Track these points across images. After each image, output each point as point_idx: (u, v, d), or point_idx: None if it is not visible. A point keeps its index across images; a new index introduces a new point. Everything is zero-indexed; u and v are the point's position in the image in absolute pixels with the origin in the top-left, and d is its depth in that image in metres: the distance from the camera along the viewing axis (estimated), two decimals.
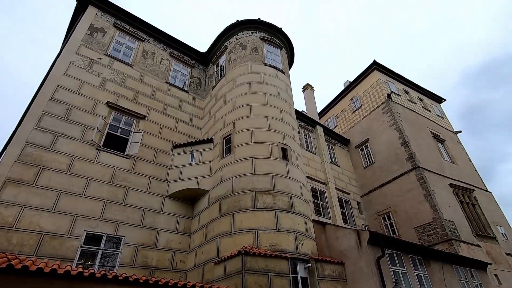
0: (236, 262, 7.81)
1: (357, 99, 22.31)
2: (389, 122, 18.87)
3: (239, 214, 9.21)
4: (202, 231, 10.08)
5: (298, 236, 9.10)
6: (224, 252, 8.71)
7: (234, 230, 8.99)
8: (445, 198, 15.82)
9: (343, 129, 22.56)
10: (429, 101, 23.78)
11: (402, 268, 9.41)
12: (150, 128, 11.63)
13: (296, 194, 10.05)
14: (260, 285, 7.39)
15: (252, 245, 8.45)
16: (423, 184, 15.70)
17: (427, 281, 9.85)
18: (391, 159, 17.88)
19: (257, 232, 8.74)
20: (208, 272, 8.95)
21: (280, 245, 8.64)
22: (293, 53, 16.06)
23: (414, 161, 16.57)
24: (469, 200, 17.29)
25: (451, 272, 10.96)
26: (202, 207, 10.70)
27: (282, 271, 8.03)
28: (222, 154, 11.03)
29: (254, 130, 10.97)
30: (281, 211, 9.30)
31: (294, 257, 8.57)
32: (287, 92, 13.31)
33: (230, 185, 9.95)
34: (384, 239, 9.10)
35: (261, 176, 9.87)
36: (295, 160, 11.07)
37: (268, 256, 8.01)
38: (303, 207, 10.09)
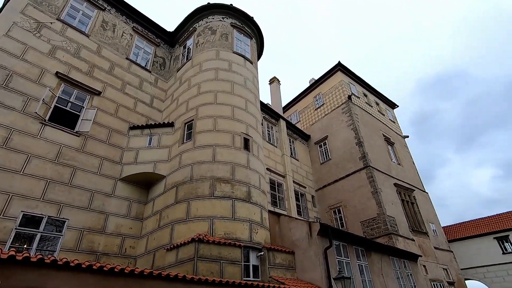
0: (189, 249, 7.74)
1: (320, 97, 23.10)
2: (347, 122, 19.88)
3: (196, 202, 9.08)
4: (156, 217, 9.77)
5: (253, 225, 9.26)
6: (177, 239, 8.55)
7: (189, 218, 8.86)
8: (390, 196, 17.25)
9: (305, 125, 23.26)
10: (384, 106, 25.48)
11: (347, 258, 10.12)
12: (106, 106, 10.83)
13: (254, 184, 10.18)
14: (212, 272, 7.42)
15: (206, 233, 8.41)
16: (372, 182, 16.91)
17: (367, 270, 10.73)
18: (346, 157, 18.92)
19: (212, 220, 8.72)
20: (159, 258, 8.74)
21: (235, 233, 8.73)
22: (262, 45, 16.01)
23: (366, 160, 17.73)
24: (409, 199, 19.07)
25: (388, 262, 12.07)
26: (157, 193, 10.34)
27: (235, 259, 8.14)
28: (182, 140, 10.71)
29: (218, 118, 10.80)
30: (239, 201, 9.36)
31: (247, 246, 8.73)
32: (254, 83, 13.29)
33: (188, 172, 9.73)
34: (333, 231, 9.67)
35: (221, 164, 9.80)
36: (256, 151, 11.17)
37: (222, 244, 8.06)
38: (260, 198, 10.28)
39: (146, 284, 5.39)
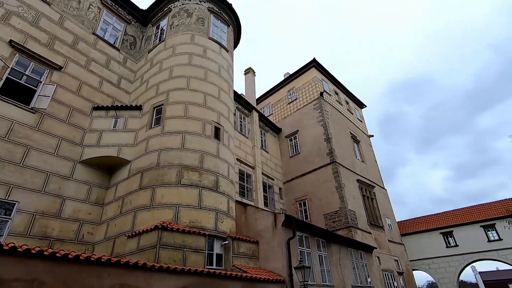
0: (152, 237, 7.55)
1: (293, 92, 23.39)
2: (318, 118, 20.39)
3: (162, 189, 8.84)
4: (118, 203, 9.38)
5: (219, 214, 9.25)
6: (140, 226, 8.30)
7: (153, 205, 8.62)
8: (352, 191, 18.12)
9: (277, 118, 23.49)
10: (353, 105, 26.47)
11: (308, 248, 10.51)
12: (67, 83, 10.07)
13: (223, 174, 10.13)
14: (174, 260, 7.32)
15: (171, 220, 8.25)
16: (337, 177, 17.62)
17: (326, 261, 11.25)
18: (314, 152, 19.47)
19: (178, 208, 8.56)
20: (119, 245, 8.45)
21: (200, 222, 8.67)
22: (239, 33, 15.76)
23: (333, 156, 18.39)
24: (369, 195, 20.18)
25: (346, 253, 12.74)
26: (120, 178, 9.91)
27: (198, 247, 8.10)
28: (150, 124, 10.31)
29: (189, 104, 10.52)
30: (206, 189, 9.28)
31: (212, 235, 8.72)
32: (228, 71, 13.09)
33: (155, 158, 9.42)
34: (297, 222, 9.96)
35: (190, 152, 9.61)
36: (227, 141, 11.09)
37: (186, 232, 7.96)
38: (228, 188, 10.27)
39: (104, 272, 5.18)
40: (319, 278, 10.33)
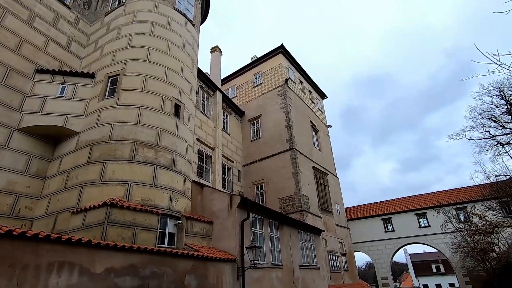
0: (99, 214, 7.18)
1: (259, 76, 23.29)
2: (281, 104, 20.67)
3: (113, 164, 8.36)
4: (62, 177, 8.69)
5: (174, 194, 9.08)
6: (86, 202, 7.82)
7: (103, 180, 8.14)
8: (307, 178, 18.96)
9: (241, 101, 23.32)
10: (315, 95, 27.25)
11: (261, 230, 10.87)
12: (4, 38, 8.82)
13: (181, 153, 9.88)
14: (123, 238, 7.08)
15: (122, 197, 7.90)
16: (294, 164, 18.25)
17: (277, 241, 11.76)
18: (275, 138, 19.83)
19: (130, 185, 8.21)
20: (62, 222, 7.91)
21: (154, 200, 8.44)
22: (208, 8, 15.06)
23: (292, 143, 18.93)
24: (322, 182, 21.32)
25: (296, 235, 13.44)
26: (66, 150, 9.14)
27: (150, 225, 7.91)
28: (104, 95, 9.56)
29: (148, 77, 9.92)
30: (162, 168, 8.99)
31: (165, 214, 8.56)
32: (193, 47, 12.52)
33: (107, 131, 8.82)
34: (252, 204, 10.18)
35: (147, 128, 9.16)
36: (187, 120, 10.76)
37: (138, 210, 7.70)
38: (185, 167, 10.07)
39: (41, 248, 4.82)
40: (269, 258, 10.80)
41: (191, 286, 7.20)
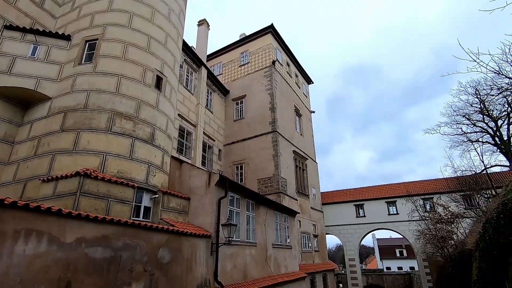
0: (72, 183, 6.96)
1: (246, 55, 22.79)
2: (266, 86, 20.47)
3: (88, 134, 8.04)
4: (33, 143, 8.27)
5: (151, 168, 8.93)
6: (58, 171, 7.53)
7: (77, 149, 7.83)
8: (287, 161, 19.24)
9: (226, 79, 22.86)
10: (302, 79, 27.18)
11: (238, 208, 11.02)
12: None
13: (160, 127, 9.64)
14: (96, 209, 6.94)
15: (96, 168, 7.67)
16: (275, 146, 18.39)
17: (253, 220, 12.02)
18: (258, 119, 19.77)
19: (105, 156, 7.96)
20: (31, 189, 7.62)
21: (130, 173, 8.27)
22: None
23: (274, 125, 18.97)
24: (301, 166, 21.74)
25: (272, 215, 13.79)
26: (38, 115, 8.66)
27: (125, 198, 7.80)
28: (80, 60, 9.01)
29: (129, 45, 9.41)
30: (140, 141, 8.76)
31: (142, 187, 8.44)
32: (180, 18, 11.95)
33: (83, 99, 8.39)
34: (230, 183, 10.24)
35: (126, 99, 8.79)
36: (169, 93, 10.43)
37: (113, 182, 7.54)
38: (165, 142, 9.87)
39: (7, 215, 4.63)
40: (244, 236, 11.05)
41: (165, 259, 7.27)
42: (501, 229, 5.62)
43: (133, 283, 6.31)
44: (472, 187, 17.65)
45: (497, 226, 5.80)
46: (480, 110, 20.63)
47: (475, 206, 17.39)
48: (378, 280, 34.95)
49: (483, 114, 20.70)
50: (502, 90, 12.14)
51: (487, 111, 20.24)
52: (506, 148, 19.65)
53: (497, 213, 5.90)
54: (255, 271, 11.16)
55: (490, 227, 6.21)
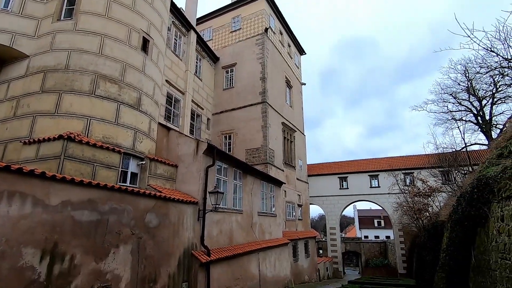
0: (55, 146, 6.80)
1: (238, 20, 21.79)
2: (258, 54, 19.87)
3: (71, 96, 7.72)
4: (11, 104, 7.90)
5: (138, 134, 8.78)
6: (40, 133, 7.31)
7: (59, 112, 7.56)
8: (275, 132, 19.31)
9: (217, 46, 22.00)
10: (294, 49, 26.49)
11: (225, 177, 11.17)
12: None
13: (147, 92, 9.34)
14: (82, 173, 6.87)
15: (80, 132, 7.47)
16: (264, 117, 18.32)
17: (240, 189, 12.26)
18: (248, 89, 19.43)
19: (90, 121, 7.74)
20: (12, 152, 7.40)
21: (116, 139, 8.12)
22: None
23: (264, 96, 18.74)
24: (289, 138, 21.91)
25: (259, 185, 14.09)
26: (15, 74, 8.18)
27: (112, 163, 7.72)
28: (59, 15, 8.38)
29: (113, 2, 8.77)
30: (126, 106, 8.50)
31: (128, 153, 8.35)
32: None
33: (64, 59, 7.93)
34: (218, 152, 10.27)
35: (110, 61, 8.38)
36: (156, 57, 9.99)
37: (98, 147, 7.41)
38: (152, 108, 9.63)
39: None
40: (230, 203, 11.32)
41: (152, 223, 7.41)
42: (473, 202, 5.96)
43: (120, 245, 6.46)
44: (451, 163, 18.41)
45: (470, 199, 6.14)
46: (467, 89, 20.95)
47: (452, 181, 18.27)
48: (356, 247, 37.24)
49: (469, 93, 21.07)
50: (491, 69, 12.26)
51: (474, 90, 20.59)
52: (486, 128, 20.32)
53: (471, 187, 6.22)
54: (241, 236, 11.61)
55: (464, 201, 6.58)
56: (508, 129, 6.41)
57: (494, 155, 6.57)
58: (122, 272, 6.37)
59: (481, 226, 5.87)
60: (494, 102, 20.15)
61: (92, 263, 5.81)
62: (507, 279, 4.24)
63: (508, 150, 5.56)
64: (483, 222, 5.72)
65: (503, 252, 4.42)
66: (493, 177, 5.41)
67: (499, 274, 4.59)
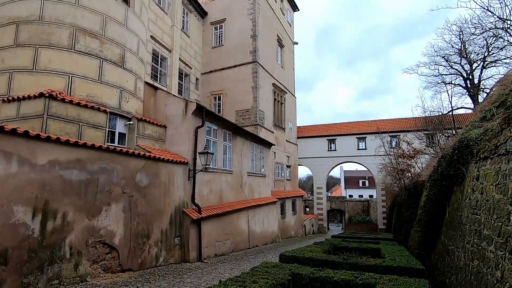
0: (37, 105, 6.55)
1: None
2: (248, 10, 18.74)
3: (48, 51, 7.25)
4: None
5: (124, 93, 8.49)
6: (19, 91, 6.98)
7: (37, 69, 7.15)
8: (266, 93, 19.03)
9: None
10: (287, 5, 25.05)
11: (215, 138, 11.19)
12: None
13: (131, 49, 8.85)
14: (67, 133, 6.74)
15: (62, 90, 7.17)
16: (255, 78, 17.88)
17: (229, 150, 12.38)
18: (238, 48, 18.63)
19: (71, 78, 7.38)
20: None
21: (101, 98, 7.86)
22: None
23: (255, 55, 18.08)
24: (280, 99, 21.70)
25: (248, 146, 14.23)
26: None
27: (98, 123, 7.56)
28: None
29: None
30: (109, 63, 8.09)
31: (115, 113, 8.15)
32: None
33: (36, 9, 7.30)
34: (207, 112, 10.14)
35: (88, 12, 7.76)
36: (139, 10, 9.31)
37: (82, 106, 7.18)
38: (137, 66, 9.21)
39: None
40: (220, 164, 11.50)
41: (143, 183, 7.53)
42: (453, 163, 6.23)
43: (112, 204, 6.60)
44: (436, 126, 18.85)
45: (450, 160, 6.42)
46: (460, 51, 20.74)
47: (435, 144, 18.88)
48: (340, 206, 39.34)
49: (461, 56, 20.90)
50: (485, 29, 12.03)
51: (466, 53, 20.40)
52: (474, 91, 20.54)
53: (452, 149, 6.46)
54: (231, 195, 12.00)
55: (444, 161, 6.87)
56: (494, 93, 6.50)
57: (478, 118, 6.74)
58: (116, 228, 6.60)
59: (457, 185, 6.22)
60: (484, 65, 20.15)
61: (85, 220, 5.97)
62: (474, 232, 4.62)
63: (491, 113, 5.70)
64: (460, 182, 6.05)
65: (474, 208, 4.76)
66: (474, 139, 5.60)
67: (468, 227, 4.99)
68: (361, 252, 7.98)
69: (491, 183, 4.12)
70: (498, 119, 4.52)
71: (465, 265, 4.94)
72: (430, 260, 7.69)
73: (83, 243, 5.88)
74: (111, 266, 6.46)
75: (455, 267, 5.48)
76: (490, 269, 3.80)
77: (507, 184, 3.54)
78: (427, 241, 7.86)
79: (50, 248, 5.27)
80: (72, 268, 5.64)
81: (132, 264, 6.92)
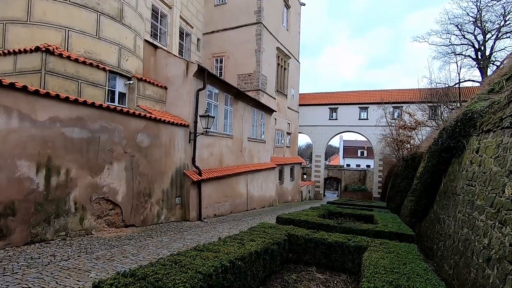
0: (34, 60, 6.35)
1: None
2: None
3: (42, 1, 6.86)
4: None
5: (123, 51, 8.20)
6: (14, 44, 6.73)
7: (32, 21, 6.82)
8: (269, 58, 18.42)
9: None
10: None
11: (216, 102, 11.04)
12: None
13: (129, 3, 8.38)
14: (66, 90, 6.62)
15: (59, 45, 6.91)
16: (258, 41, 17.18)
17: (230, 115, 12.29)
18: (241, 7, 17.64)
19: (68, 32, 7.07)
20: None
21: (99, 55, 7.60)
22: None
23: (260, 16, 17.19)
24: (283, 65, 21.07)
25: (249, 111, 14.11)
26: None
27: (97, 81, 7.41)
28: None
29: None
30: (106, 17, 7.70)
31: (114, 71, 7.95)
32: None
33: None
34: (209, 75, 9.90)
35: None
36: None
37: (81, 63, 6.97)
38: (136, 22, 8.79)
39: None
40: (221, 128, 11.49)
41: (144, 143, 7.58)
42: (455, 135, 6.23)
43: (114, 162, 6.71)
44: (441, 98, 18.54)
45: (452, 132, 6.40)
46: (475, 19, 19.73)
47: (438, 116, 18.71)
48: (338, 174, 40.12)
49: (476, 26, 19.94)
50: None
51: (481, 21, 19.42)
52: (484, 64, 19.92)
53: (455, 121, 6.41)
54: (230, 159, 12.16)
55: (446, 133, 6.86)
56: (505, 65, 6.28)
57: (485, 91, 6.59)
58: (118, 186, 6.78)
59: (456, 157, 6.27)
60: (498, 36, 19.29)
61: (88, 177, 6.10)
62: (468, 202, 4.76)
63: (500, 86, 5.56)
64: (459, 154, 6.09)
65: (470, 180, 4.84)
66: (478, 112, 5.53)
67: (462, 198, 5.13)
68: (355, 218, 8.28)
69: (490, 156, 4.14)
70: (507, 91, 4.42)
71: (454, 233, 5.15)
72: (420, 228, 8.03)
73: (87, 199, 6.07)
74: (114, 221, 6.74)
75: (444, 234, 5.72)
76: (479, 237, 3.97)
77: (507, 157, 3.56)
78: (420, 209, 8.12)
79: (56, 202, 5.45)
80: (78, 221, 5.89)
81: (134, 220, 7.22)
